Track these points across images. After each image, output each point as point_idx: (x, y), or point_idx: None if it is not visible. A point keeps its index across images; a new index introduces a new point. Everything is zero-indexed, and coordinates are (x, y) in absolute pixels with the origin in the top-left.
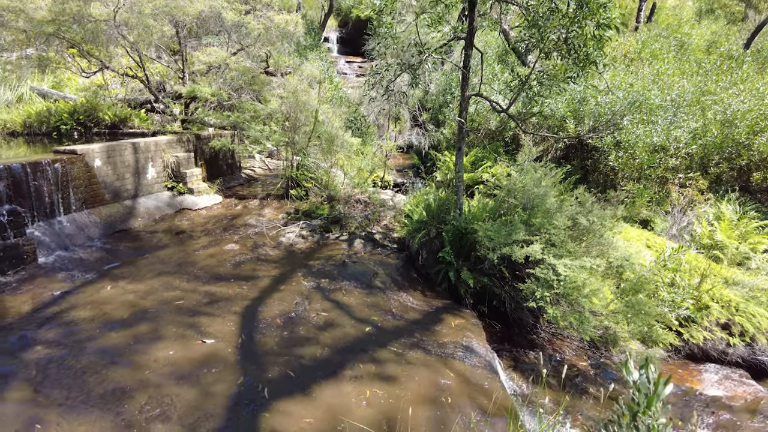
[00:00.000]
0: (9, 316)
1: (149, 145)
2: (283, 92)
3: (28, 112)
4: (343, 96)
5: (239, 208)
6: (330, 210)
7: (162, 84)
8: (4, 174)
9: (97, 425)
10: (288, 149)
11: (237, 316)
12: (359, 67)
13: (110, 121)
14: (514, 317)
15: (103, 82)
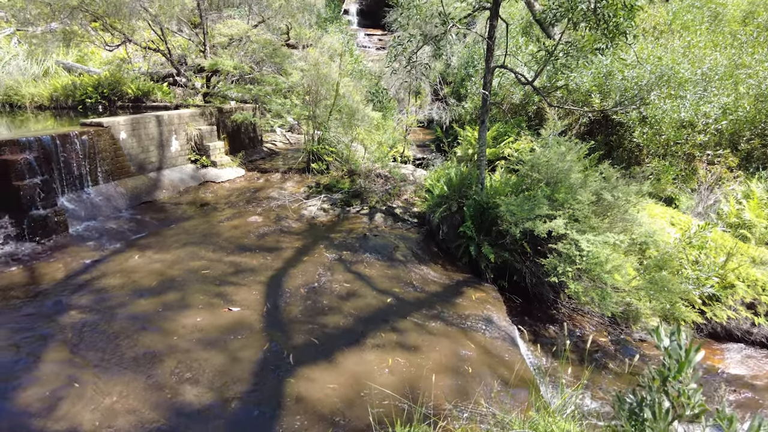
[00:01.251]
0: (44, 283)
1: (173, 118)
2: (304, 65)
3: (54, 86)
4: (363, 69)
5: (261, 181)
6: (351, 184)
7: (183, 57)
8: (36, 146)
9: (130, 386)
10: (309, 123)
11: (262, 286)
12: (379, 40)
13: (133, 94)
14: (534, 292)
15: (126, 55)
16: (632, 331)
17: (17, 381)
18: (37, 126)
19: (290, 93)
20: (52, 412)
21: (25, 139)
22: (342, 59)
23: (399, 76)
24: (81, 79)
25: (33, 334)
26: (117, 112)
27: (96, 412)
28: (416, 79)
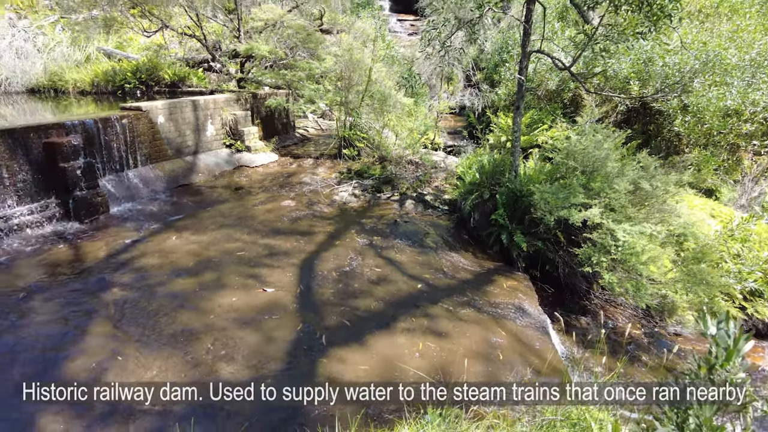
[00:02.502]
0: (88, 260)
1: (208, 103)
2: (337, 50)
3: (95, 72)
4: (395, 55)
5: (294, 166)
6: (381, 170)
7: (218, 43)
8: (80, 129)
9: (169, 361)
10: (341, 109)
11: (295, 268)
12: (411, 26)
13: (170, 79)
14: (566, 282)
15: (163, 41)
16: (667, 324)
17: (66, 352)
18: (79, 110)
19: (323, 78)
20: (98, 383)
21: (70, 123)
22: (375, 45)
23: (431, 62)
24: (120, 64)
25: (79, 309)
26: (154, 97)
27: (138, 383)
28: (448, 64)
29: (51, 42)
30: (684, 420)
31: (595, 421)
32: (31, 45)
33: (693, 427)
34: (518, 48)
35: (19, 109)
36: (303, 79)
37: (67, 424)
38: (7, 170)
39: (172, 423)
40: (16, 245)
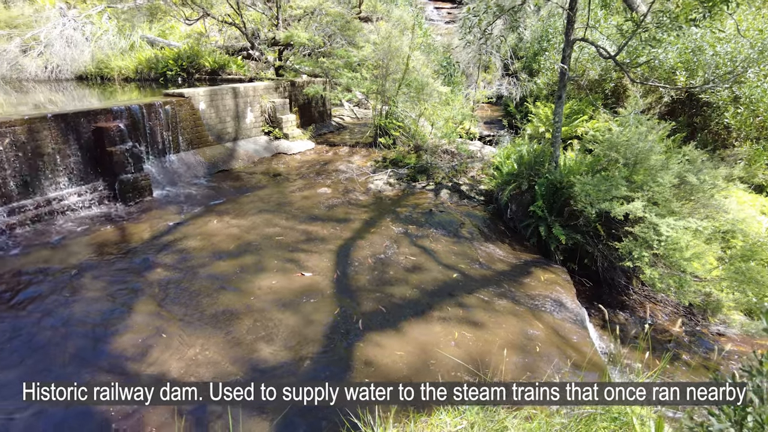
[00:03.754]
0: (133, 241)
1: (248, 91)
2: (376, 38)
3: (139, 59)
4: (432, 43)
5: (330, 154)
6: (417, 159)
7: (256, 31)
8: (126, 114)
9: (211, 340)
10: (377, 97)
11: (332, 254)
12: (448, 13)
13: (210, 67)
14: (605, 276)
15: (204, 29)
16: (710, 323)
17: (114, 327)
18: (123, 97)
19: (360, 66)
20: (144, 358)
21: (117, 108)
22: (413, 33)
23: (468, 51)
24: (162, 52)
25: (126, 287)
26: (195, 84)
27: (181, 361)
28: (487, 53)
29: (98, 31)
30: (743, 417)
31: (637, 416)
32: (79, 34)
33: (752, 425)
34: (559, 36)
35: (69, 95)
36: (340, 67)
37: (117, 394)
38: (59, 153)
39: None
40: (67, 225)
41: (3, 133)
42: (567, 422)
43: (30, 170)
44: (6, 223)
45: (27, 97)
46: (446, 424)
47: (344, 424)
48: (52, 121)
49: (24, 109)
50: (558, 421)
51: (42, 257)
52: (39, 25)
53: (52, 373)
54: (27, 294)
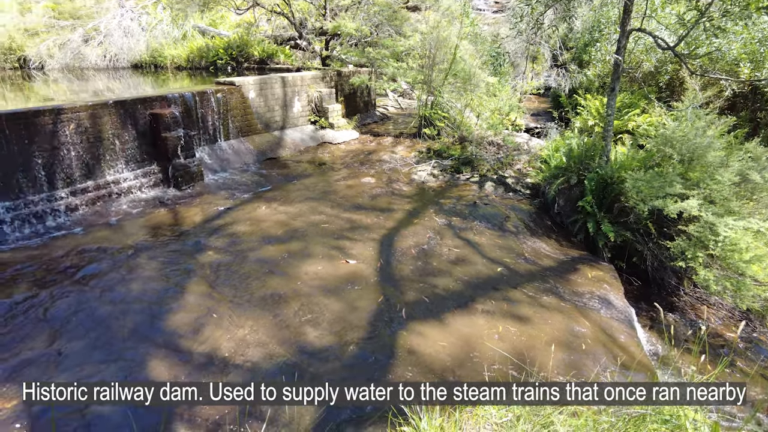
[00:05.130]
0: (185, 225)
1: (296, 80)
2: (424, 27)
3: (190, 48)
4: (479, 33)
5: (374, 144)
6: (461, 151)
7: (304, 21)
8: (179, 101)
9: (259, 322)
10: (423, 87)
11: (375, 243)
12: (495, 2)
13: (259, 56)
14: (654, 276)
15: (253, 19)
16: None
17: (168, 306)
18: (176, 84)
19: (407, 56)
20: (196, 336)
21: (171, 95)
22: (461, 22)
23: (516, 41)
24: (213, 41)
25: (179, 268)
26: (244, 73)
27: (231, 341)
28: (536, 43)
29: (153, 21)
30: None
31: (690, 420)
32: (136, 24)
33: None
34: (612, 27)
35: (125, 83)
36: (387, 56)
37: (172, 369)
38: (118, 138)
39: (260, 379)
40: (124, 207)
41: (69, 119)
42: (615, 421)
43: (91, 154)
44: (70, 204)
45: (87, 84)
46: (491, 416)
47: (391, 409)
48: (112, 108)
49: (85, 96)
50: (605, 419)
51: (101, 237)
52: (99, 16)
53: (114, 347)
54: (89, 270)
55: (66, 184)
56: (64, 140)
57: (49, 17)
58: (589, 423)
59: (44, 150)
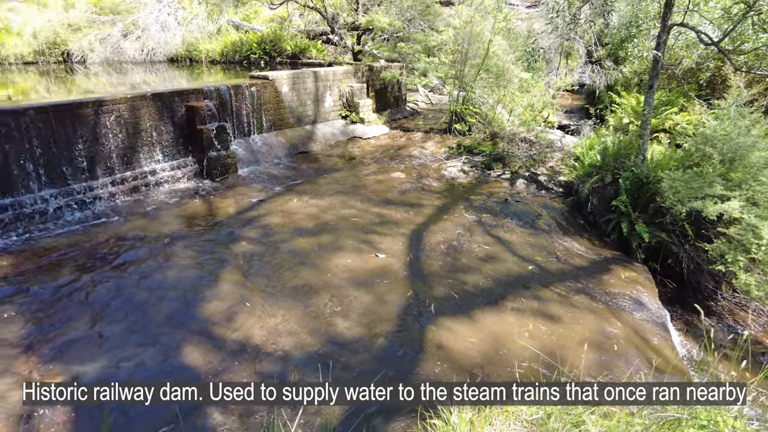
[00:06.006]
0: (219, 215)
1: (328, 75)
2: (457, 22)
3: (225, 43)
4: (512, 28)
5: (403, 140)
6: (493, 147)
7: (336, 16)
8: (215, 95)
9: (291, 312)
10: (454, 83)
11: (404, 238)
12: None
13: (291, 51)
14: (690, 279)
15: (286, 14)
16: None
17: (202, 294)
18: (210, 78)
19: (438, 51)
20: (229, 323)
21: (207, 89)
22: (495, 17)
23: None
24: (246, 36)
25: (213, 257)
26: (276, 67)
27: (263, 329)
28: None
29: (189, 15)
30: None
31: (729, 427)
32: (172, 18)
33: None
34: (650, 22)
35: (161, 76)
36: (418, 51)
37: (206, 355)
38: (155, 130)
39: (292, 368)
40: (160, 197)
41: (109, 111)
42: (649, 424)
43: (130, 145)
44: (110, 193)
45: (125, 77)
46: (522, 412)
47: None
48: (150, 100)
49: (123, 89)
50: (639, 422)
51: (139, 225)
52: (138, 11)
53: (151, 331)
54: (127, 257)
55: (106, 174)
56: (105, 131)
57: (91, 12)
58: (621, 425)
59: (86, 140)
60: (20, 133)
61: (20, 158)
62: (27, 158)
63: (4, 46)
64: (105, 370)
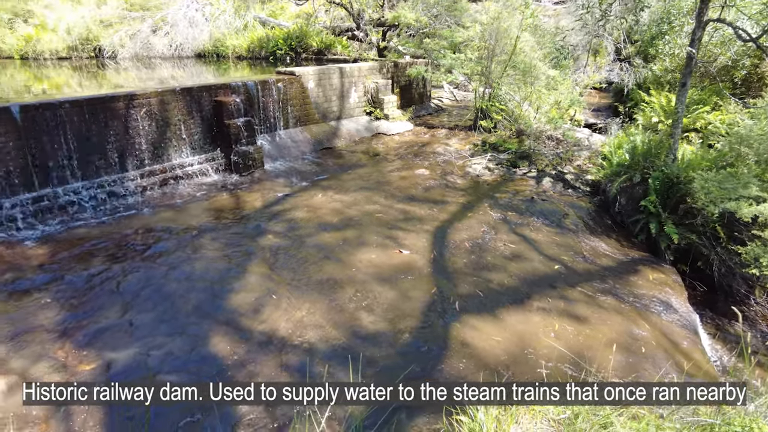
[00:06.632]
0: (246, 209)
1: (353, 71)
2: (484, 18)
3: (251, 38)
4: (539, 24)
5: (427, 136)
6: (519, 144)
7: (361, 12)
8: (242, 90)
9: (316, 305)
10: (480, 79)
11: (429, 234)
12: None
13: (317, 47)
14: (721, 282)
15: (312, 10)
16: None
17: (230, 286)
18: (237, 73)
19: (465, 48)
20: (256, 315)
21: (234, 84)
22: (523, 13)
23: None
24: (272, 32)
25: (240, 250)
26: (302, 63)
27: (289, 321)
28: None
29: (216, 12)
30: None
31: None
32: (200, 15)
33: None
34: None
35: (189, 71)
36: (444, 47)
37: (233, 345)
38: (184, 124)
39: (316, 361)
40: (189, 190)
41: (140, 104)
42: (680, 428)
43: (159, 138)
44: (139, 185)
45: (154, 72)
46: (548, 412)
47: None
48: (179, 94)
49: (151, 83)
50: (669, 426)
51: (167, 217)
52: (167, 7)
53: (179, 321)
54: (156, 248)
55: (136, 167)
56: (136, 124)
57: (122, 9)
58: (651, 428)
59: (118, 133)
60: (56, 126)
61: (56, 150)
62: (62, 151)
63: (40, 41)
64: (136, 358)
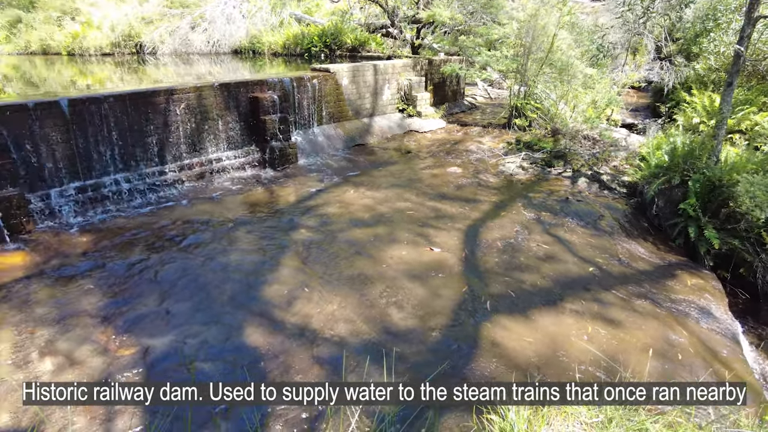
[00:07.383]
0: (280, 203)
1: (387, 68)
2: (521, 15)
3: (287, 35)
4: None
5: (460, 134)
6: (554, 144)
7: (396, 9)
8: (278, 86)
9: (347, 300)
10: (516, 77)
11: (460, 233)
12: None
13: (351, 44)
14: (765, 290)
15: (347, 7)
16: None
17: (264, 278)
18: (272, 70)
19: (500, 45)
20: (289, 308)
21: (271, 80)
22: (561, 10)
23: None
24: (308, 29)
25: (274, 243)
26: (336, 60)
27: (321, 315)
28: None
29: (253, 9)
30: None
31: None
32: (237, 11)
33: None
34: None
35: (225, 67)
36: (479, 45)
37: (266, 336)
38: (221, 119)
39: (347, 355)
40: (224, 183)
41: (180, 99)
42: None
43: (197, 132)
44: (177, 178)
45: (192, 68)
46: (581, 414)
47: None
48: (217, 90)
49: (189, 79)
50: None
51: (204, 210)
52: (205, 4)
53: (214, 311)
54: (193, 240)
55: (174, 160)
56: (175, 119)
57: (163, 6)
58: None
59: (158, 127)
60: (100, 119)
61: (99, 143)
62: (105, 143)
63: (86, 38)
64: (173, 345)
